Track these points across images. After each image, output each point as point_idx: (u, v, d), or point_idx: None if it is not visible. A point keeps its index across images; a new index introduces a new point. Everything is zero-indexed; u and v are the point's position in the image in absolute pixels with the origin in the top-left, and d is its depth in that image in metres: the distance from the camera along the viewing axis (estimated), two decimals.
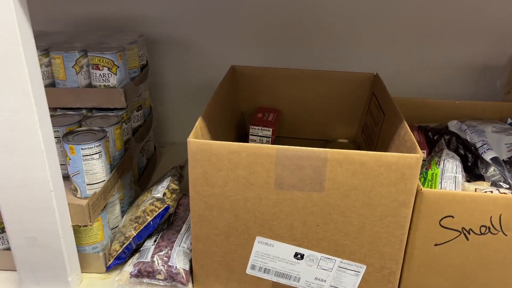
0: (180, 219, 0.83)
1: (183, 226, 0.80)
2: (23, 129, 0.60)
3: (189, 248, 0.76)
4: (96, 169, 0.78)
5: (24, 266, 0.71)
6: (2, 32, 0.55)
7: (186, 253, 0.75)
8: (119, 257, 0.77)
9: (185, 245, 0.76)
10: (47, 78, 0.90)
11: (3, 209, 0.67)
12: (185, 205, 0.87)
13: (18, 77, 0.57)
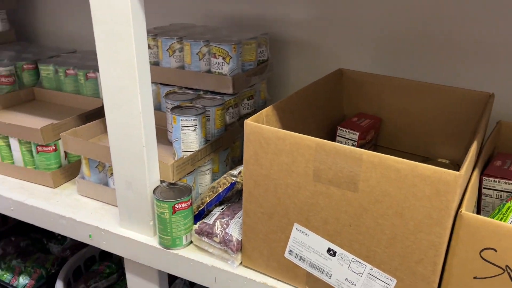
0: None
1: None
2: (127, 93, 0.77)
3: None
4: (191, 139, 0.92)
5: (122, 204, 0.90)
6: (120, 17, 0.72)
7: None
8: (195, 217, 0.90)
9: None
10: (179, 61, 1.09)
11: (113, 156, 0.86)
12: None
13: (127, 52, 0.74)
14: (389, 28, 1.12)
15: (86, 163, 1.00)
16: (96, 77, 1.23)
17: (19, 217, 1.04)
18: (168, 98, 1.01)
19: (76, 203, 1.01)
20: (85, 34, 1.56)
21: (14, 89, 1.27)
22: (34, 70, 1.31)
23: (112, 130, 0.83)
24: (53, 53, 1.40)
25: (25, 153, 1.08)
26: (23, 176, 1.09)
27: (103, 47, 0.76)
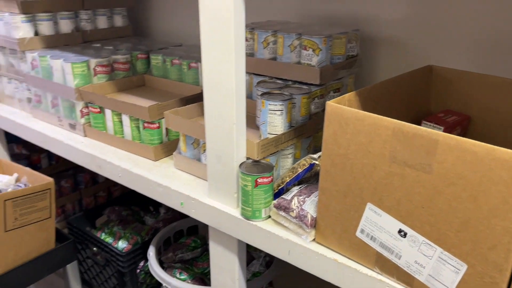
0: None
1: None
2: (224, 75, 0.87)
3: None
4: (276, 123, 0.99)
5: (211, 176, 1.00)
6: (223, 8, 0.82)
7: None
8: (275, 195, 0.97)
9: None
10: (272, 53, 1.17)
11: (207, 133, 0.96)
12: None
13: (227, 38, 0.84)
14: (490, 28, 1.09)
15: (183, 139, 1.13)
16: (197, 67, 1.36)
17: (125, 183, 1.19)
18: (259, 86, 1.09)
19: (172, 174, 1.14)
20: (190, 30, 1.72)
21: (129, 75, 1.45)
22: (146, 60, 1.49)
23: (209, 109, 0.93)
24: (162, 46, 1.58)
25: (134, 129, 1.24)
26: (130, 148, 1.25)
27: (207, 33, 0.87)
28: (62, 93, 1.36)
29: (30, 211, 1.36)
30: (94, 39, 1.63)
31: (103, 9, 1.65)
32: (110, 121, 1.29)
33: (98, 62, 1.37)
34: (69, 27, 1.56)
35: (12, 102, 1.60)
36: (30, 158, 1.93)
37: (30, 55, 1.43)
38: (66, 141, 1.34)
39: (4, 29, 1.48)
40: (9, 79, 1.58)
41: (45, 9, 1.48)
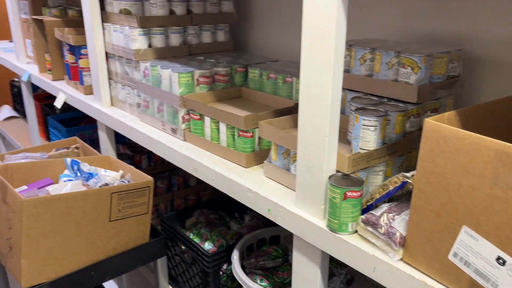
0: None
1: None
2: (321, 87, 0.90)
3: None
4: (369, 138, 1.00)
5: (300, 186, 1.02)
6: (326, 23, 0.85)
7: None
8: (363, 210, 0.97)
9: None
10: (368, 70, 1.18)
11: (299, 142, 1.00)
12: None
13: (327, 52, 0.87)
14: None
15: (275, 149, 1.17)
16: (292, 82, 1.41)
17: (217, 186, 1.27)
18: (353, 101, 1.11)
19: (261, 182, 1.19)
20: (287, 47, 1.79)
21: (227, 86, 1.55)
22: (244, 73, 1.58)
23: (303, 120, 0.97)
24: (260, 61, 1.66)
25: (229, 136, 1.32)
26: (224, 154, 1.33)
27: (308, 48, 0.91)
28: (168, 100, 1.48)
29: (131, 205, 1.49)
30: (198, 52, 1.77)
31: (208, 25, 1.78)
32: (208, 128, 1.38)
33: (201, 73, 1.48)
34: (178, 41, 1.71)
35: (123, 107, 1.79)
36: (133, 158, 2.12)
37: (143, 64, 1.59)
38: (168, 144, 1.45)
39: (123, 41, 1.66)
40: (123, 86, 1.76)
41: (159, 24, 1.64)
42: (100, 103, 1.84)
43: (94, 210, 1.40)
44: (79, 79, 2.04)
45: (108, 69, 1.81)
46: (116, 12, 1.68)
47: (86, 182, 1.53)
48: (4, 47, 3.38)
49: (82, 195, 1.36)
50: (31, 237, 1.28)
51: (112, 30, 1.71)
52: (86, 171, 1.60)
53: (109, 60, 1.80)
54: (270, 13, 1.83)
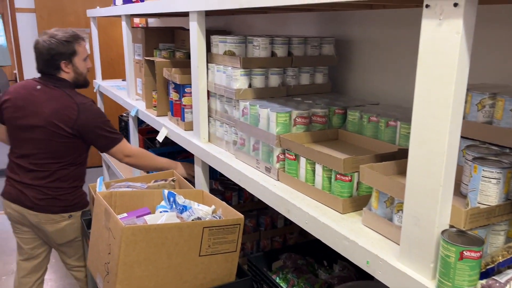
0: None
1: None
2: (436, 131, 0.82)
3: None
4: (490, 192, 0.88)
5: (405, 240, 0.93)
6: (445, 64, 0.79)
7: None
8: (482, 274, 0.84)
9: None
10: (487, 117, 1.07)
11: (407, 190, 0.91)
12: None
13: (445, 93, 0.80)
14: None
15: (376, 196, 1.09)
16: (395, 126, 1.33)
17: (311, 231, 1.21)
18: (469, 150, 1.00)
19: (359, 230, 1.11)
20: (387, 90, 1.72)
21: (324, 128, 1.51)
22: (342, 115, 1.54)
23: (413, 166, 0.89)
24: (359, 103, 1.60)
25: (325, 179, 1.27)
26: (319, 197, 1.27)
27: (422, 90, 0.85)
28: (264, 139, 1.49)
29: (221, 242, 1.49)
30: (296, 93, 1.77)
31: (307, 67, 1.78)
32: (303, 169, 1.34)
33: (298, 114, 1.46)
34: (277, 82, 1.73)
35: (220, 143, 1.83)
36: (224, 194, 2.15)
37: (242, 103, 1.62)
38: (261, 182, 1.44)
39: (225, 81, 1.73)
40: (221, 123, 1.81)
41: (260, 65, 1.68)
42: (199, 139, 1.91)
43: (186, 243, 1.41)
44: (181, 115, 2.15)
45: (208, 107, 1.88)
46: (221, 53, 1.76)
47: (180, 214, 1.57)
48: (117, 85, 3.74)
49: (176, 227, 1.39)
50: (126, 264, 1.32)
51: (216, 70, 1.79)
52: (181, 203, 1.64)
53: (210, 98, 1.88)
54: (370, 56, 1.79)
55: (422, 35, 0.83)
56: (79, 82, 2.17)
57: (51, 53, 2.04)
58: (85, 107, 2.05)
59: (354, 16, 1.85)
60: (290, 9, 2.03)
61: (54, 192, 2.07)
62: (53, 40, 2.04)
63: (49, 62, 2.06)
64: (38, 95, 2.05)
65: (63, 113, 2.01)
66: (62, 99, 2.04)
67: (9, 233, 3.71)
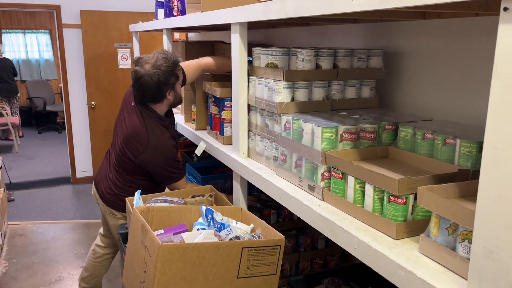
0: None
1: None
2: None
3: None
4: None
5: (475, 274, 0.82)
6: None
7: None
8: None
9: None
10: None
11: (477, 217, 0.80)
12: None
13: None
14: None
15: (437, 221, 0.98)
16: (454, 144, 1.21)
17: (360, 257, 1.11)
18: None
19: (416, 259, 1.00)
20: (439, 105, 1.60)
21: (373, 144, 1.41)
22: (393, 131, 1.43)
23: (485, 189, 0.78)
24: (410, 119, 1.49)
25: (376, 200, 1.17)
26: (369, 220, 1.17)
27: (498, 102, 0.74)
28: (308, 155, 1.40)
29: (260, 263, 1.41)
30: (341, 107, 1.68)
31: (354, 80, 1.69)
32: (351, 189, 1.25)
33: (346, 129, 1.38)
34: (321, 95, 1.65)
35: (260, 159, 1.76)
36: (262, 211, 2.07)
37: (285, 117, 1.55)
38: (304, 201, 1.35)
39: (267, 94, 1.66)
40: (262, 138, 1.75)
41: (304, 78, 1.61)
42: (238, 153, 1.85)
43: (224, 263, 1.34)
44: (219, 129, 2.10)
45: (248, 121, 1.82)
46: (263, 66, 1.70)
47: (218, 233, 1.50)
48: None
49: (214, 247, 1.32)
50: (162, 284, 1.26)
51: (257, 84, 1.73)
52: (219, 221, 1.57)
53: (250, 112, 1.82)
54: (420, 69, 1.68)
55: (500, 41, 0.73)
56: (176, 104, 2.18)
57: (159, 86, 1.99)
58: (153, 147, 2.04)
59: (404, 27, 1.75)
60: (335, 20, 1.95)
61: (120, 192, 2.19)
62: (159, 72, 1.97)
63: (157, 94, 2.02)
64: (125, 119, 2.14)
65: (132, 143, 2.06)
66: (138, 131, 2.05)
67: (49, 243, 3.79)
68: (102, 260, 2.58)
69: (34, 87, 8.65)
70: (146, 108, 2.10)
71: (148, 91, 2.00)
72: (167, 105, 2.14)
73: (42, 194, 5.08)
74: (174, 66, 2.03)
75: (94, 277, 2.60)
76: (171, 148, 2.11)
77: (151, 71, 1.97)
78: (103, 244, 2.57)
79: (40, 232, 4.04)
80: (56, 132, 8.43)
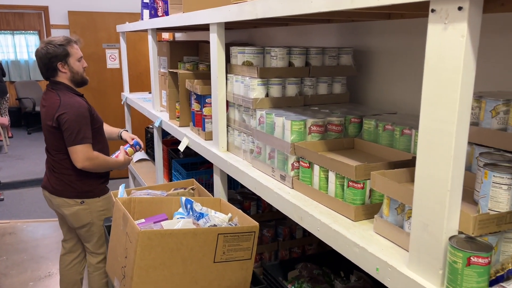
0: None
1: None
2: (443, 135, 0.82)
3: None
4: (501, 199, 0.87)
5: (414, 246, 0.92)
6: (450, 68, 0.79)
7: None
8: (491, 282, 0.82)
9: None
10: (501, 123, 1.05)
11: (415, 196, 0.90)
12: None
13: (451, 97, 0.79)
14: None
15: (387, 203, 1.08)
16: (410, 134, 1.32)
17: (322, 237, 1.21)
18: (482, 157, 0.98)
19: (370, 237, 1.10)
20: (406, 100, 1.70)
21: (340, 136, 1.51)
22: (358, 124, 1.53)
23: (420, 172, 0.88)
24: (376, 112, 1.60)
25: (338, 186, 1.27)
26: (331, 205, 1.27)
27: (429, 94, 0.85)
28: (279, 147, 1.50)
29: (236, 249, 1.50)
30: (313, 103, 1.78)
31: (325, 77, 1.80)
32: (317, 176, 1.35)
33: (314, 122, 1.47)
34: (294, 91, 1.75)
35: (238, 152, 1.86)
36: (243, 203, 2.17)
37: (259, 112, 1.65)
38: (275, 189, 1.45)
39: (243, 90, 1.76)
40: (239, 132, 1.84)
41: (278, 75, 1.71)
42: (218, 148, 1.94)
43: (201, 249, 1.43)
44: (201, 125, 2.19)
45: (227, 117, 1.92)
46: (240, 64, 1.80)
47: (197, 221, 1.59)
48: (144, 97, 3.84)
49: (191, 233, 1.41)
50: (142, 268, 1.35)
51: (234, 81, 1.82)
52: (198, 210, 1.66)
53: (229, 108, 1.91)
54: (388, 66, 1.79)
55: (428, 39, 0.83)
56: (77, 80, 2.41)
57: (48, 57, 2.29)
58: (65, 105, 2.24)
59: (373, 26, 1.85)
60: (308, 20, 2.05)
61: (67, 179, 2.37)
62: (49, 45, 2.29)
63: (48, 65, 2.31)
64: (43, 100, 2.37)
65: (50, 111, 2.27)
66: (52, 99, 2.29)
67: (38, 241, 3.85)
68: (72, 266, 2.64)
69: (23, 88, 8.66)
70: (53, 83, 2.35)
71: (41, 62, 2.32)
72: (67, 79, 2.36)
73: (31, 194, 5.13)
74: (65, 42, 2.33)
75: (72, 285, 2.65)
76: (84, 108, 2.29)
77: (43, 46, 2.31)
78: (67, 250, 2.65)
79: (30, 230, 4.10)
80: None
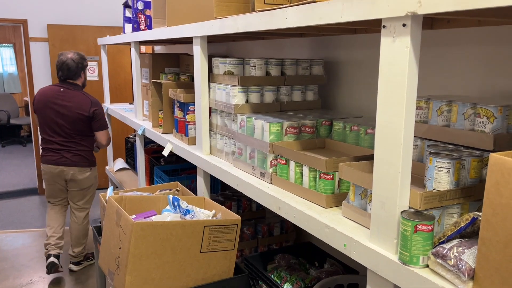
0: None
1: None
2: (394, 127, 1.01)
3: None
4: (442, 180, 1.06)
5: (374, 222, 1.10)
6: (398, 73, 0.98)
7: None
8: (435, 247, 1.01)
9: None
10: (445, 121, 1.25)
11: (374, 178, 1.09)
12: None
13: (399, 95, 0.99)
14: None
15: (353, 189, 1.27)
16: (373, 133, 1.51)
17: (297, 223, 1.38)
18: (429, 148, 1.18)
19: (339, 220, 1.28)
20: (371, 106, 1.91)
21: (313, 137, 1.70)
22: (329, 126, 1.72)
23: (378, 157, 1.07)
24: (344, 116, 1.79)
25: (311, 179, 1.44)
26: (306, 195, 1.45)
27: (383, 92, 1.04)
28: (259, 147, 1.67)
29: (220, 240, 1.65)
30: (288, 109, 1.96)
31: (299, 86, 1.99)
32: (293, 171, 1.52)
33: (289, 124, 1.65)
34: (271, 98, 1.93)
35: (220, 155, 2.02)
36: (224, 204, 2.32)
37: (240, 117, 1.82)
38: (256, 185, 1.62)
39: (225, 97, 1.93)
40: (222, 136, 2.00)
41: (256, 83, 1.89)
42: (201, 151, 2.10)
43: (189, 239, 1.58)
44: (185, 131, 2.34)
45: (210, 122, 2.08)
46: (221, 73, 1.97)
47: (184, 217, 1.74)
48: (125, 107, 3.96)
49: (180, 224, 1.56)
50: (136, 256, 1.48)
51: (217, 89, 1.99)
52: (184, 207, 1.81)
53: (212, 114, 2.08)
54: (355, 75, 1.99)
55: (382, 50, 1.03)
56: (84, 85, 3.30)
57: (79, 66, 3.18)
58: (96, 102, 3.18)
59: (341, 40, 2.06)
60: (284, 35, 2.25)
61: (84, 153, 3.21)
62: (78, 56, 3.19)
63: (76, 71, 3.17)
64: (62, 96, 3.12)
65: (83, 106, 3.11)
66: (79, 97, 3.14)
67: (19, 250, 3.87)
68: (60, 214, 3.39)
69: None
70: (71, 84, 3.17)
71: (71, 68, 3.13)
72: (81, 83, 3.23)
73: (9, 205, 5.11)
74: (85, 57, 3.28)
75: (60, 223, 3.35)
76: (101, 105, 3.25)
77: (74, 56, 3.16)
78: (55, 206, 3.37)
79: (10, 240, 4.11)
80: (21, 146, 8.37)
